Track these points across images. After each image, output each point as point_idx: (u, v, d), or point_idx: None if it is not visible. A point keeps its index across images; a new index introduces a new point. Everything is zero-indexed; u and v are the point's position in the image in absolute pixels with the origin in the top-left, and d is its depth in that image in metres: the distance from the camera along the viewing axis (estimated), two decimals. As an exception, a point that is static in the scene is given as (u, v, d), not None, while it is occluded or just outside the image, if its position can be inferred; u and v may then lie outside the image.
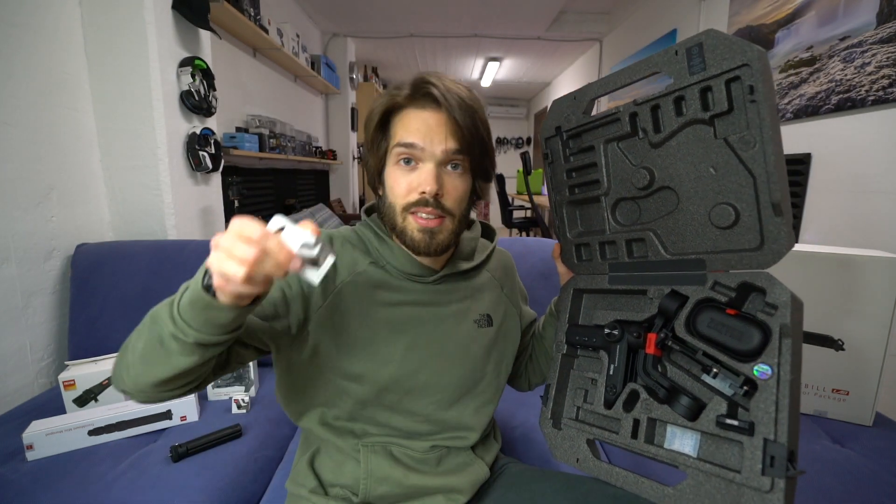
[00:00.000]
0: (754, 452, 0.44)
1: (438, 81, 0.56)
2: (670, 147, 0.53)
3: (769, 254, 0.47)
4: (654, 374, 0.54)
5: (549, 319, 0.75)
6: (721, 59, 0.46)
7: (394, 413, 0.62)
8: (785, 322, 0.45)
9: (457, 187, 0.58)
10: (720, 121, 0.48)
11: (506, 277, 0.74)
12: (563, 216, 0.66)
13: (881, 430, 0.92)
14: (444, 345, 0.64)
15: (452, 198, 0.58)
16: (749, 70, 0.44)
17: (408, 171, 0.57)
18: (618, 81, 0.55)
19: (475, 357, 0.66)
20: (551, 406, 0.63)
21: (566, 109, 0.62)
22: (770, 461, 0.43)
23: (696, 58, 0.47)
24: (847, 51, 1.59)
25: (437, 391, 0.63)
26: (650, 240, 0.57)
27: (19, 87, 1.14)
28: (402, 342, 0.61)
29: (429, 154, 0.56)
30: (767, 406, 0.44)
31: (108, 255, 1.28)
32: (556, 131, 0.63)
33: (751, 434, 0.45)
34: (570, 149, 0.63)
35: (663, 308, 0.55)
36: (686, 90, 0.49)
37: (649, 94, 0.53)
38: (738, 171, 0.48)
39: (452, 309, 0.65)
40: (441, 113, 0.56)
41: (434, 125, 0.56)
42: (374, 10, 3.70)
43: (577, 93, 0.60)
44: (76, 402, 0.99)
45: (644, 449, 0.53)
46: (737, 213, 0.49)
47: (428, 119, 0.56)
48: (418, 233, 0.57)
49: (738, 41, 0.44)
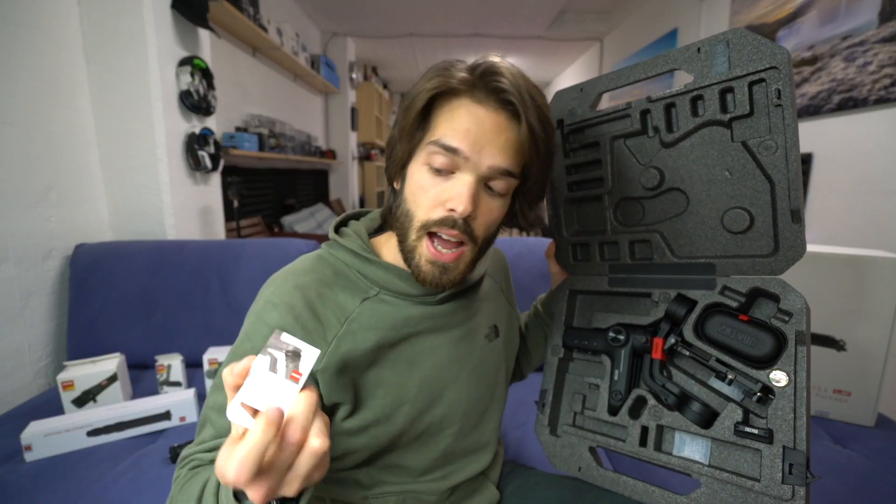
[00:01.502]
0: (773, 461, 0.43)
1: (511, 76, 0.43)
2: (683, 148, 0.51)
3: (783, 260, 0.46)
4: (660, 380, 0.53)
5: (533, 319, 0.73)
6: (748, 61, 0.44)
7: (407, 452, 0.55)
8: (801, 329, 0.45)
9: (492, 210, 0.48)
10: (739, 123, 0.47)
11: (504, 278, 0.70)
12: (560, 214, 0.63)
13: (883, 430, 0.92)
14: (460, 370, 0.56)
15: (483, 222, 0.47)
16: (776, 73, 0.43)
17: (440, 178, 0.46)
18: (631, 76, 0.52)
19: (489, 375, 0.60)
20: (548, 412, 0.61)
21: (570, 102, 0.58)
22: (789, 469, 0.42)
23: (721, 57, 0.46)
24: (849, 50, 1.59)
25: (456, 420, 0.56)
26: (656, 241, 0.55)
27: (17, 87, 1.14)
28: (415, 378, 0.52)
29: (472, 165, 0.44)
30: (786, 413, 0.44)
31: (107, 255, 1.27)
32: (557, 125, 0.59)
33: (770, 442, 0.44)
34: (570, 143, 0.60)
35: (671, 312, 0.53)
36: (705, 90, 0.47)
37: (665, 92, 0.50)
38: (755, 176, 0.47)
39: (463, 329, 0.56)
40: (502, 116, 0.44)
41: (490, 129, 0.44)
42: (374, 9, 3.69)
43: (585, 85, 0.56)
44: (75, 402, 0.98)
45: (654, 457, 0.51)
46: (751, 218, 0.48)
47: (484, 119, 0.44)
48: (427, 264, 0.47)
49: (766, 42, 0.43)
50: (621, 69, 0.53)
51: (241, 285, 1.25)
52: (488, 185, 0.47)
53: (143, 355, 1.20)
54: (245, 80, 2.63)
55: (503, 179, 0.46)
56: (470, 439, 0.59)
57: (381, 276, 0.51)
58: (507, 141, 0.45)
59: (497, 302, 0.64)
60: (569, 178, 0.61)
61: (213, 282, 1.25)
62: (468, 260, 0.49)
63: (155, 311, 1.23)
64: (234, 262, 1.27)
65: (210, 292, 1.25)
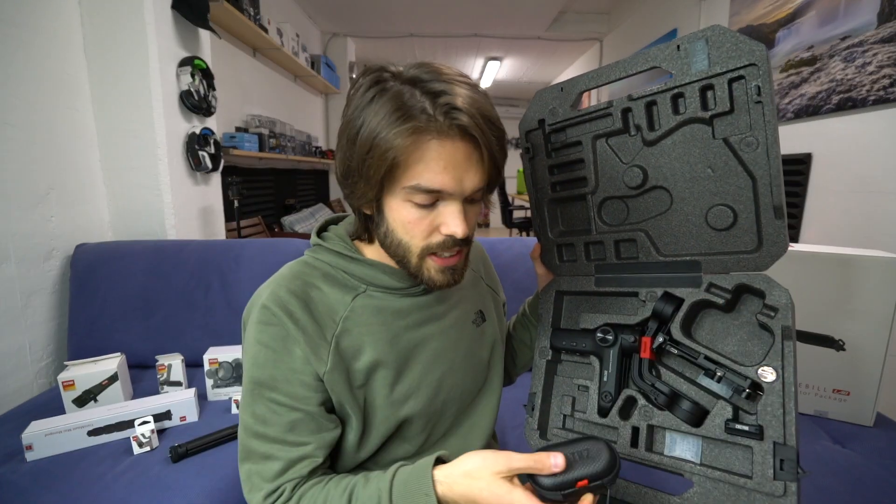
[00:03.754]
0: (764, 457, 0.43)
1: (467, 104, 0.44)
2: (665, 146, 0.51)
3: (767, 256, 0.46)
4: (649, 379, 0.53)
5: (521, 320, 0.73)
6: (727, 58, 0.44)
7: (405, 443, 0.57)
8: (787, 324, 0.45)
9: (476, 214, 0.52)
10: (720, 120, 0.47)
11: (483, 267, 0.71)
12: (545, 214, 0.63)
13: (882, 430, 0.92)
14: (454, 357, 0.59)
15: (470, 227, 0.50)
16: (755, 70, 0.43)
17: (425, 211, 0.47)
18: (611, 74, 0.52)
19: (482, 359, 0.63)
20: (537, 416, 0.60)
21: (551, 101, 0.58)
22: (780, 465, 0.42)
23: (700, 54, 0.46)
24: (848, 50, 1.59)
25: (454, 405, 0.60)
26: (641, 240, 0.55)
27: (18, 87, 1.14)
28: (415, 371, 0.55)
29: (457, 194, 0.47)
30: (775, 409, 0.44)
31: (108, 255, 1.28)
32: (538, 124, 0.59)
33: (760, 438, 0.44)
34: (552, 143, 0.60)
35: (658, 311, 0.53)
36: (686, 87, 0.47)
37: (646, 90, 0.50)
38: (738, 173, 0.47)
39: (451, 317, 0.59)
40: (468, 143, 0.45)
41: (462, 160, 0.45)
42: (374, 9, 3.69)
43: (565, 84, 0.56)
44: (75, 402, 0.99)
45: (646, 458, 0.51)
46: (735, 214, 0.48)
47: (454, 153, 0.45)
48: (439, 273, 0.50)
49: (744, 39, 0.43)
50: (601, 68, 0.53)
51: (242, 285, 1.25)
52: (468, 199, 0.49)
53: (143, 355, 1.20)
54: (245, 81, 2.64)
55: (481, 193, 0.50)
56: (466, 424, 0.61)
57: (367, 272, 0.54)
58: (478, 162, 0.46)
59: (478, 289, 0.67)
60: (552, 179, 0.61)
61: (214, 282, 1.25)
62: (467, 253, 0.54)
63: (155, 311, 1.23)
64: (234, 263, 1.27)
65: (210, 292, 1.25)
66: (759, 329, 0.48)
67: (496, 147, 0.46)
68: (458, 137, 0.44)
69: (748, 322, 0.49)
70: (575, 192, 0.59)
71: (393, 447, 0.57)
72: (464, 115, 0.43)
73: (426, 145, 0.44)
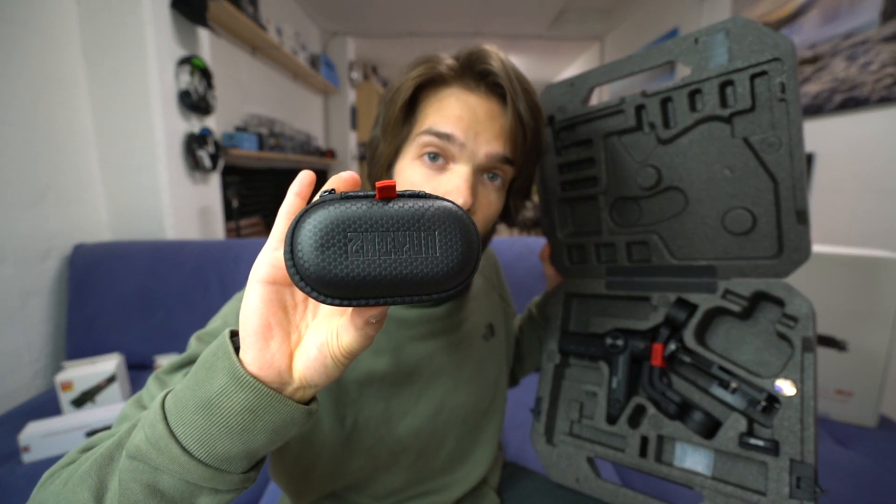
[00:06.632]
0: (780, 474, 0.42)
1: (499, 60, 0.42)
2: (681, 144, 0.49)
3: (788, 263, 0.44)
4: (660, 388, 0.51)
5: (527, 322, 0.71)
6: (749, 52, 0.42)
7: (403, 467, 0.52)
8: (807, 335, 0.43)
9: (491, 203, 0.45)
10: (740, 119, 0.45)
11: (495, 275, 0.67)
12: (554, 215, 0.61)
13: (885, 431, 0.91)
14: (459, 375, 0.54)
15: (483, 216, 0.45)
16: (780, 65, 0.40)
17: (433, 171, 0.43)
18: (624, 69, 0.50)
19: (488, 377, 0.58)
20: (544, 421, 0.58)
21: (561, 97, 0.55)
22: (797, 483, 0.41)
23: (719, 48, 0.43)
24: (851, 49, 1.58)
25: (455, 427, 0.54)
26: (654, 243, 0.53)
27: (15, 86, 1.13)
28: (415, 387, 0.50)
29: (468, 154, 0.42)
30: (792, 424, 0.42)
31: (106, 255, 1.27)
32: (548, 121, 0.57)
33: (776, 454, 0.42)
34: (562, 141, 0.57)
35: (671, 317, 0.51)
36: (704, 83, 0.45)
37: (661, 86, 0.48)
38: (758, 175, 0.45)
39: (461, 331, 0.55)
40: (493, 102, 0.42)
41: (483, 116, 0.42)
42: (374, 8, 3.68)
43: (576, 79, 0.54)
44: (73, 403, 0.98)
45: (655, 468, 0.49)
46: (754, 218, 0.46)
47: (476, 107, 0.42)
48: None
49: (769, 32, 0.41)
50: (614, 62, 0.51)
51: (241, 285, 1.24)
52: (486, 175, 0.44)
53: (142, 355, 1.20)
54: (244, 80, 2.63)
55: (500, 168, 0.44)
56: (469, 446, 0.57)
57: None
58: (502, 128, 0.43)
59: (490, 299, 0.63)
60: (562, 178, 0.58)
61: (213, 282, 1.25)
62: None
63: (154, 311, 1.23)
64: (233, 263, 1.26)
65: (209, 292, 1.24)
66: (777, 339, 0.46)
67: (526, 113, 0.42)
68: (482, 91, 0.42)
69: (765, 331, 0.47)
70: (585, 191, 0.57)
71: (381, 475, 0.51)
72: (492, 62, 0.41)
73: (447, 92, 0.43)
